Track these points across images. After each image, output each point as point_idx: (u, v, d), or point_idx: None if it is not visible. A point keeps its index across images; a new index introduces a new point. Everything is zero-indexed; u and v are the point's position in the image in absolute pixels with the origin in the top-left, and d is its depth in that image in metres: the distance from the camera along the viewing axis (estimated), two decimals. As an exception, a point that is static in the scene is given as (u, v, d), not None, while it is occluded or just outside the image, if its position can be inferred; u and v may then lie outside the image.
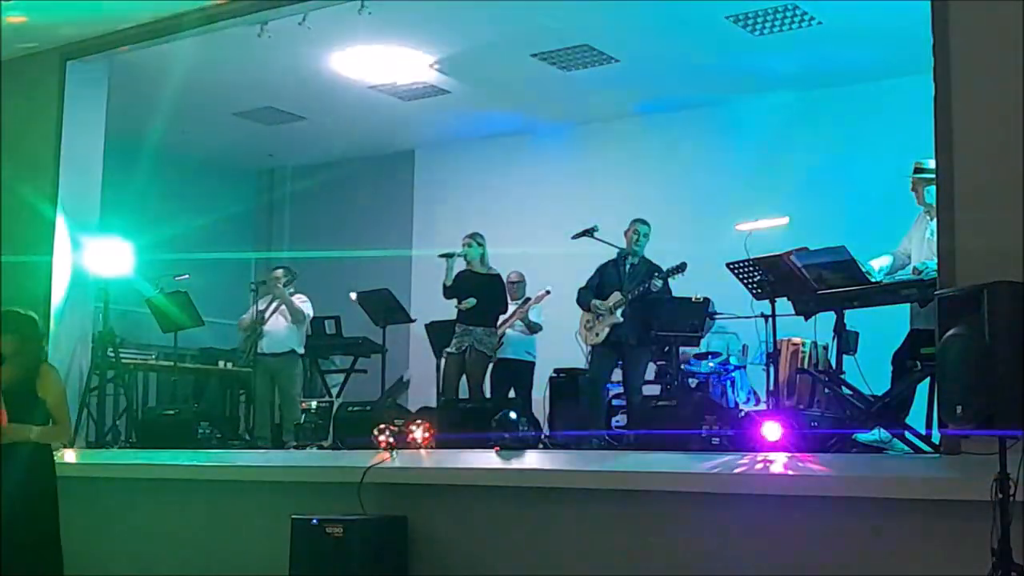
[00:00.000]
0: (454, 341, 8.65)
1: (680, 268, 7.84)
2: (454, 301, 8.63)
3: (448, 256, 8.63)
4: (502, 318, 9.37)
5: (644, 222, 8.18)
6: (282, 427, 9.25)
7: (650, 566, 5.51)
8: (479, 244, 8.74)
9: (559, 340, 8.71)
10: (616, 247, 8.13)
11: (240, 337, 9.84)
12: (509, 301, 9.53)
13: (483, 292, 8.61)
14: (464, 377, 8.62)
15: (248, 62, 9.75)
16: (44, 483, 5.74)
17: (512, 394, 9.07)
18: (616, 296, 7.95)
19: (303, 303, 9.48)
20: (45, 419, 5.73)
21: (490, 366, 8.82)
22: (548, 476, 6.13)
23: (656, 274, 7.83)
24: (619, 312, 7.89)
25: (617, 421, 8.32)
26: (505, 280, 9.64)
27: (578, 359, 8.47)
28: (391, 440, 6.78)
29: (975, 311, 4.21)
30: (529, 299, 9.56)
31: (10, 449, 5.58)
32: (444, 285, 8.64)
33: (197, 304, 9.41)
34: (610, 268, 8.16)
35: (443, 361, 8.78)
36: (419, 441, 6.86)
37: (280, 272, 9.59)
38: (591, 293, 8.12)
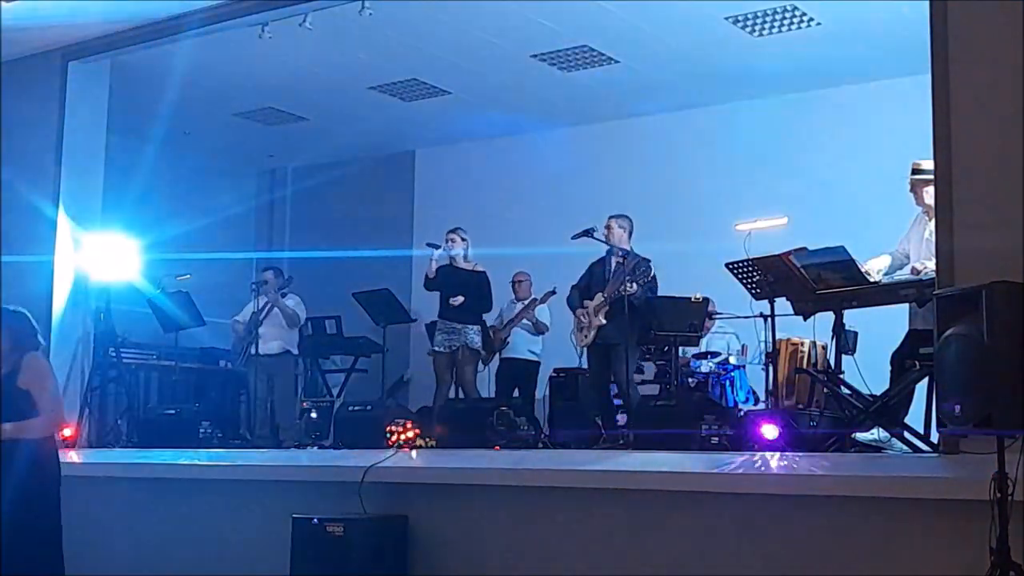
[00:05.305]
0: (441, 339, 8.64)
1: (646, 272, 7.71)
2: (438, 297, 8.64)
3: (433, 246, 8.67)
4: (505, 317, 9.39)
5: (625, 216, 8.12)
6: (279, 426, 9.27)
7: (649, 566, 5.52)
8: (462, 239, 8.77)
9: (560, 340, 8.71)
10: (617, 247, 8.00)
11: (233, 338, 9.84)
12: (516, 300, 9.57)
13: (469, 289, 8.62)
14: (455, 376, 8.63)
15: (248, 62, 9.76)
16: (43, 481, 5.65)
17: (516, 393, 9.10)
18: (599, 298, 7.88)
19: (296, 305, 9.49)
20: (33, 411, 5.57)
21: (482, 365, 8.84)
22: (548, 476, 6.14)
23: (629, 278, 7.64)
24: (601, 315, 7.81)
25: (618, 421, 8.33)
26: (512, 280, 9.67)
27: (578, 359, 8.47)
28: (404, 438, 6.83)
29: (973, 311, 4.22)
30: (535, 299, 9.57)
31: (10, 447, 5.52)
32: (426, 276, 8.67)
33: (198, 304, 9.43)
34: (597, 268, 8.10)
35: (432, 360, 8.80)
36: (412, 441, 6.90)
37: (270, 274, 9.61)
38: (579, 293, 8.07)
